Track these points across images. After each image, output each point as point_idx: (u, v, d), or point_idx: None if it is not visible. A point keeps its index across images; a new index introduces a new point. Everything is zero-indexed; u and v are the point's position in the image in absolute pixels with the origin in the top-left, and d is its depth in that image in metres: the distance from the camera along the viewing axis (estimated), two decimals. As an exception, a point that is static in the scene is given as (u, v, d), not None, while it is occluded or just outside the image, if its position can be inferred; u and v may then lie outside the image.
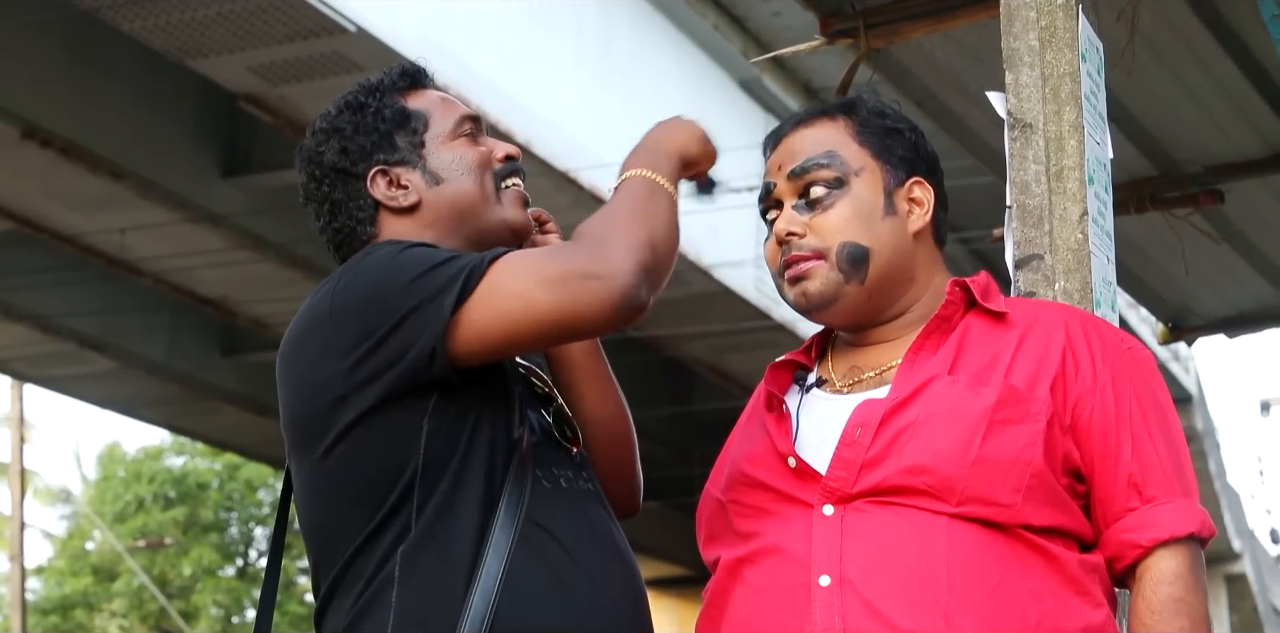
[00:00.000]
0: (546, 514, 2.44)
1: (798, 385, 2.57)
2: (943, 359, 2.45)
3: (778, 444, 2.46)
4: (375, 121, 2.62)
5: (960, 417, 2.36)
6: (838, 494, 2.38)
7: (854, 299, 2.51)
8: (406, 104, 2.64)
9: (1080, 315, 2.54)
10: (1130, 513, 2.39)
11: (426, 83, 2.70)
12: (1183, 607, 2.34)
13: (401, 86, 2.66)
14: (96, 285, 14.54)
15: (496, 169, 2.65)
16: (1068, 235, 2.84)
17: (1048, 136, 2.88)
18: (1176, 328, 5.98)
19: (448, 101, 2.68)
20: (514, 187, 2.66)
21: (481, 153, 2.64)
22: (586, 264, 2.34)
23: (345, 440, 2.41)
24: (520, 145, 13.16)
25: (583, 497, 2.53)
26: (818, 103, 2.68)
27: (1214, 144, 4.81)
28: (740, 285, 15.18)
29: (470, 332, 2.35)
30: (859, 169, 2.54)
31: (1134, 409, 2.43)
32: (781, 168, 2.57)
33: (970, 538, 2.33)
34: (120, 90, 12.03)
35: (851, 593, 2.31)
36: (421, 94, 2.67)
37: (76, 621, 31.81)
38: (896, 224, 2.53)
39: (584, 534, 2.48)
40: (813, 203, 2.53)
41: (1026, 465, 2.35)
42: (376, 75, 2.68)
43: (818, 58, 9.97)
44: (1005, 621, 2.30)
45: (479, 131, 2.67)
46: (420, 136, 2.62)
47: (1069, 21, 2.93)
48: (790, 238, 2.52)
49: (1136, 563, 2.38)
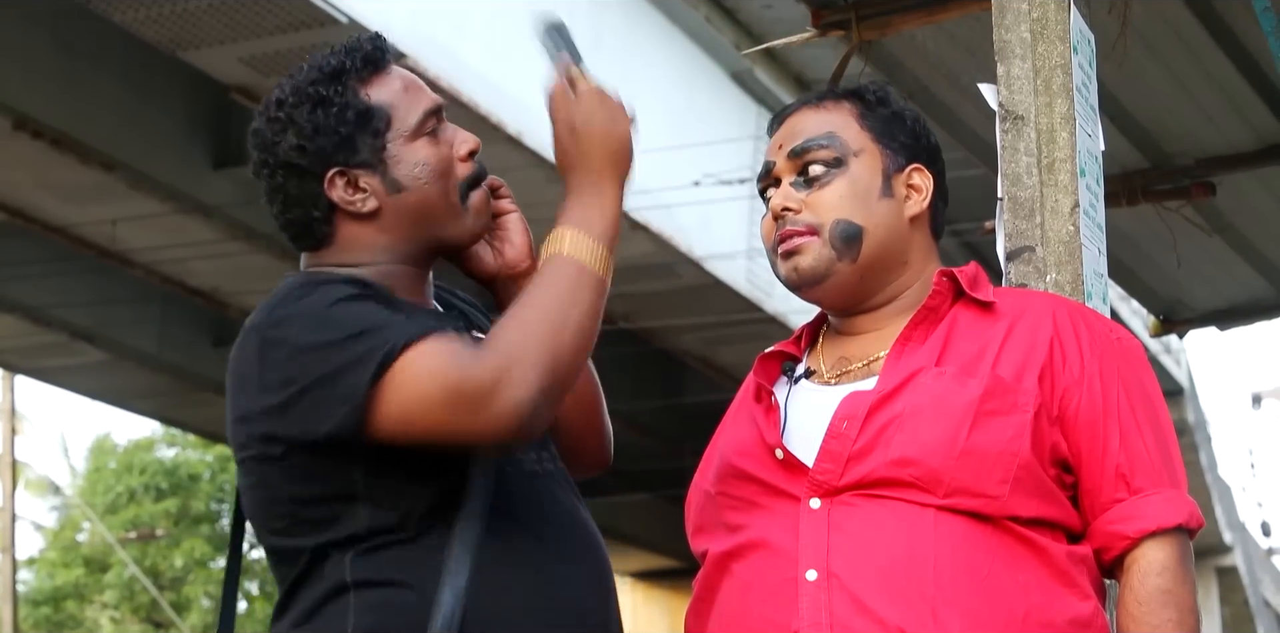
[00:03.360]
0: (513, 502, 2.42)
1: (786, 376, 2.57)
2: (930, 350, 2.45)
3: (765, 436, 2.46)
4: (337, 123, 2.47)
5: (947, 408, 2.36)
6: (824, 487, 2.38)
7: (845, 277, 2.51)
8: (370, 97, 2.49)
9: (1068, 305, 2.54)
10: (1118, 504, 2.39)
11: (388, 63, 2.55)
12: (1170, 598, 2.34)
13: (365, 74, 2.51)
14: (88, 277, 14.52)
15: (462, 176, 2.54)
16: (1059, 227, 2.84)
17: (1039, 129, 2.88)
18: (1168, 320, 5.99)
19: (411, 90, 2.53)
20: (480, 193, 2.56)
21: (444, 158, 2.52)
22: (488, 385, 2.28)
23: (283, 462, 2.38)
24: (511, 136, 13.09)
25: (547, 479, 2.51)
26: (824, 88, 2.69)
27: (1206, 136, 4.81)
28: (732, 277, 15.19)
29: (378, 415, 2.30)
30: (858, 150, 2.54)
31: (1122, 400, 2.42)
32: (782, 147, 2.58)
33: (957, 531, 2.33)
34: (111, 81, 12.01)
35: (838, 587, 2.31)
36: (384, 80, 2.52)
37: (68, 612, 31.79)
38: (892, 207, 2.53)
39: (552, 519, 2.46)
40: (810, 180, 2.53)
41: (1014, 457, 2.35)
42: (336, 56, 2.51)
43: (809, 50, 9.95)
44: (993, 614, 2.29)
45: (441, 124, 2.55)
46: (382, 138, 2.50)
47: (1060, 13, 2.93)
48: (785, 213, 2.52)
49: (1124, 554, 2.38)
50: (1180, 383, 21.32)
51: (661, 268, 14.81)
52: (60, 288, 14.84)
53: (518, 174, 13.00)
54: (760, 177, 2.62)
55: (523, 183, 2.72)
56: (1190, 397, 21.96)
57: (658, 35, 14.40)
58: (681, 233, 14.42)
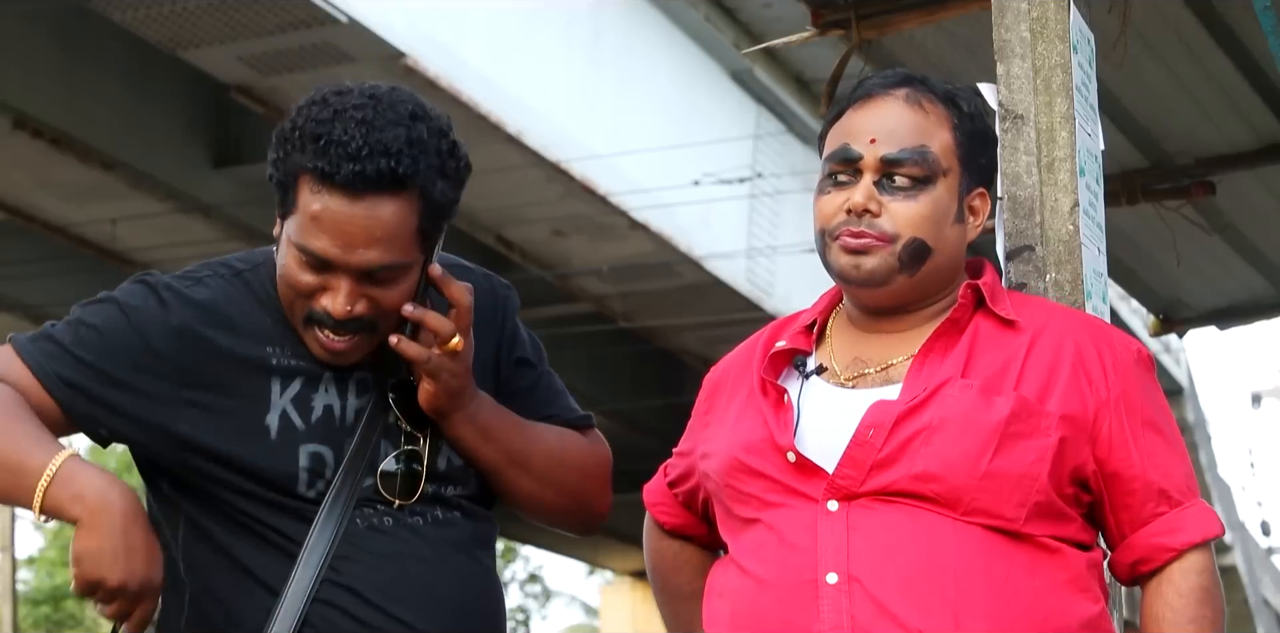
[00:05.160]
0: (351, 561, 2.43)
1: (796, 369, 2.55)
2: (954, 362, 2.45)
3: (776, 437, 2.45)
4: (275, 161, 2.46)
5: (974, 427, 2.36)
6: (844, 492, 2.38)
7: (900, 288, 2.50)
8: (299, 183, 2.43)
9: (1087, 323, 2.55)
10: (1159, 518, 2.43)
11: (349, 192, 2.38)
12: (1208, 597, 2.42)
13: (314, 172, 2.40)
14: (87, 276, 14.48)
15: (310, 309, 2.46)
16: (1059, 227, 2.84)
17: (1039, 128, 2.88)
18: (1168, 320, 5.99)
19: (316, 223, 2.40)
20: (323, 334, 2.47)
21: (298, 283, 2.44)
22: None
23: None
24: (511, 136, 13.06)
25: (411, 534, 2.50)
26: (907, 74, 2.60)
27: (1205, 136, 4.81)
28: (731, 277, 15.18)
29: None
30: (947, 170, 2.51)
31: (1151, 417, 2.46)
32: (875, 143, 2.50)
33: (976, 536, 2.34)
34: (111, 81, 12.01)
35: (860, 591, 2.32)
36: (318, 197, 2.40)
37: (68, 611, 31.76)
38: (961, 231, 2.54)
39: (395, 581, 2.45)
40: (895, 189, 2.49)
41: (1034, 481, 2.36)
42: (327, 136, 2.38)
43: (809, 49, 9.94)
44: (1013, 618, 2.31)
45: (325, 268, 2.43)
46: (285, 211, 2.47)
47: (1060, 13, 2.93)
48: (865, 214, 2.48)
49: (1167, 564, 2.43)
50: (1180, 382, 21.33)
51: (661, 267, 14.81)
52: (60, 287, 14.80)
53: (516, 173, 13.00)
54: (839, 158, 2.52)
55: (522, 182, 2.69)
56: (1190, 396, 21.97)
57: (658, 34, 14.38)
58: (681, 232, 14.42)
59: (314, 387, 2.49)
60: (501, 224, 13.69)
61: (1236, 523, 26.93)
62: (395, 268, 2.42)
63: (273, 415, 2.46)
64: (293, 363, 2.49)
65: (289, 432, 2.46)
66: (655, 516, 2.79)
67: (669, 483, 2.75)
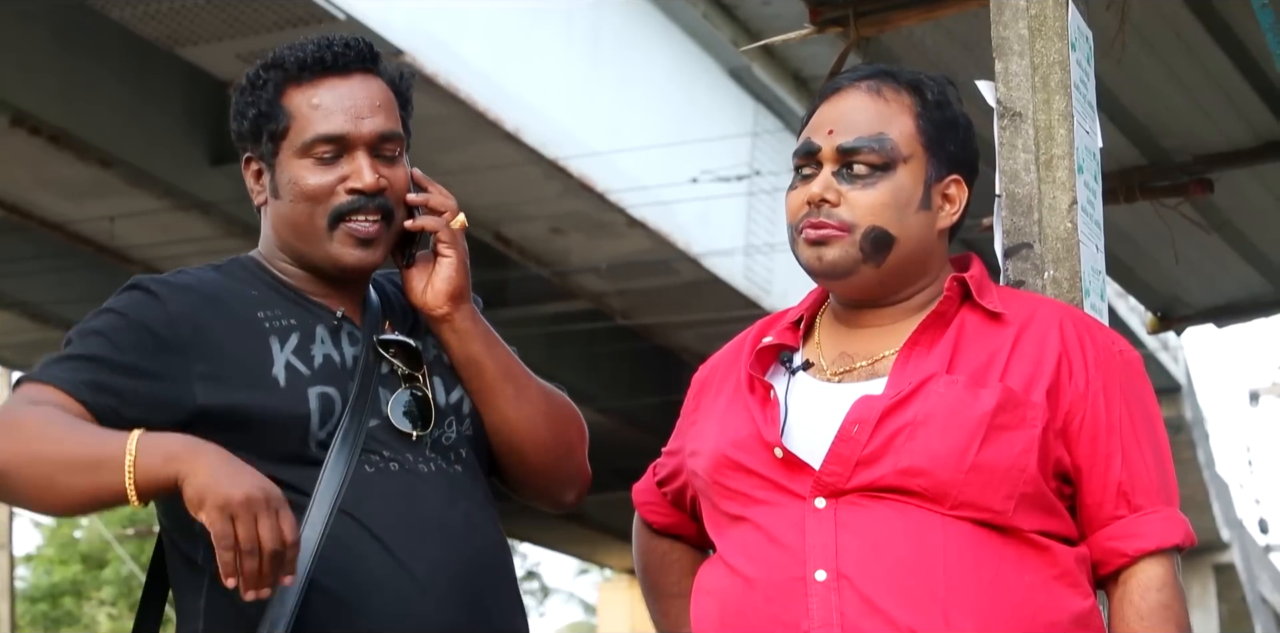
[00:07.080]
0: (362, 502, 2.47)
1: (783, 365, 2.55)
2: (939, 356, 2.44)
3: (764, 433, 2.44)
4: (248, 109, 2.60)
5: (959, 420, 2.36)
6: (830, 488, 2.38)
7: (866, 278, 2.49)
8: (285, 98, 2.58)
9: (1073, 316, 2.53)
10: (1117, 521, 2.41)
11: (338, 72, 2.59)
12: (1170, 614, 2.38)
13: (300, 77, 2.58)
14: (86, 273, 14.50)
15: (337, 204, 2.57)
16: (1057, 224, 2.84)
17: (1037, 125, 2.88)
18: (1166, 317, 5.99)
19: (324, 110, 2.57)
20: (354, 223, 2.58)
21: (317, 187, 2.56)
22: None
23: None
24: (509, 133, 13.09)
25: (417, 479, 2.54)
26: (879, 68, 2.60)
27: (1203, 133, 4.81)
28: (729, 274, 15.18)
29: None
30: (908, 156, 2.49)
31: (1124, 416, 2.44)
32: (833, 134, 2.50)
33: (965, 532, 2.34)
34: (109, 78, 12.00)
35: (848, 588, 2.32)
36: (311, 89, 2.58)
37: (65, 609, 31.78)
38: (927, 218, 2.51)
39: (403, 519, 2.49)
40: (854, 177, 2.48)
41: (1021, 472, 2.36)
42: (295, 49, 2.60)
43: (807, 46, 9.96)
44: (1003, 614, 2.31)
45: (348, 154, 2.58)
46: (277, 142, 2.59)
47: (1059, 10, 2.93)
48: (823, 204, 2.48)
49: (1120, 570, 2.41)
50: (1178, 380, 21.32)
51: (659, 264, 14.81)
52: (58, 284, 14.83)
53: (515, 170, 13.01)
54: (800, 152, 2.53)
55: (520, 179, 2.72)
56: (1188, 394, 21.95)
57: (656, 32, 14.38)
58: (679, 229, 14.42)
59: (310, 339, 2.58)
60: (499, 221, 13.69)
61: (1234, 521, 26.94)
62: (396, 138, 2.61)
63: (278, 367, 2.54)
64: (286, 322, 2.58)
65: (296, 379, 2.54)
66: (644, 515, 2.79)
67: (658, 482, 2.75)
